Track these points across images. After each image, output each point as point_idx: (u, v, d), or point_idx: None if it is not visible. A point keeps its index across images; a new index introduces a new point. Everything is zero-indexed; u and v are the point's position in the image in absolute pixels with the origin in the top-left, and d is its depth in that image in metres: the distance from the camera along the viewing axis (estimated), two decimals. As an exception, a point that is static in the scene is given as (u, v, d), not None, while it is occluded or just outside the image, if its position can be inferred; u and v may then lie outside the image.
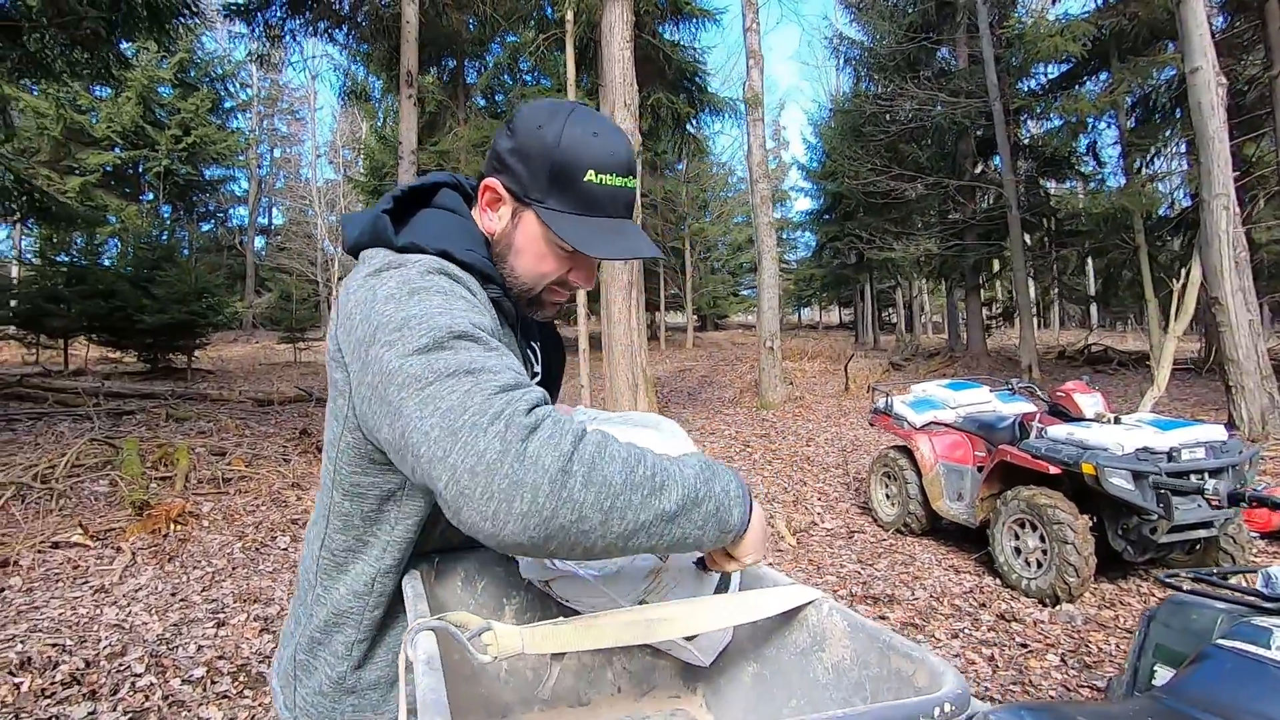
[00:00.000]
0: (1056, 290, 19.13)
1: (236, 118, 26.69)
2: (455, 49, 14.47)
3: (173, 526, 4.38)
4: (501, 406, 0.64)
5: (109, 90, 20.49)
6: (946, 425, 4.72)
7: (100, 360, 15.40)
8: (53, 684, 2.63)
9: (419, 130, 18.35)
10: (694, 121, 12.20)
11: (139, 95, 20.56)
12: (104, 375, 12.68)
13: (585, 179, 0.83)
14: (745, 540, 0.76)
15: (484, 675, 0.89)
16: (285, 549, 4.29)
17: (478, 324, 0.73)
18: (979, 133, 15.81)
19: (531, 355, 1.01)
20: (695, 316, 31.38)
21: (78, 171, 19.56)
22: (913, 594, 3.80)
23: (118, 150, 20.58)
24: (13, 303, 13.25)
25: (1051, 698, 2.72)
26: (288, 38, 11.06)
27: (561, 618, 0.78)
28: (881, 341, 23.60)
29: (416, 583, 0.84)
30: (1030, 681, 2.82)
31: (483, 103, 18.98)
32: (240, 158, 26.27)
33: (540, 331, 1.05)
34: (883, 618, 3.68)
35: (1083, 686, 2.77)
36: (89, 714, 2.47)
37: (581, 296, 8.08)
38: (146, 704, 2.56)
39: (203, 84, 22.69)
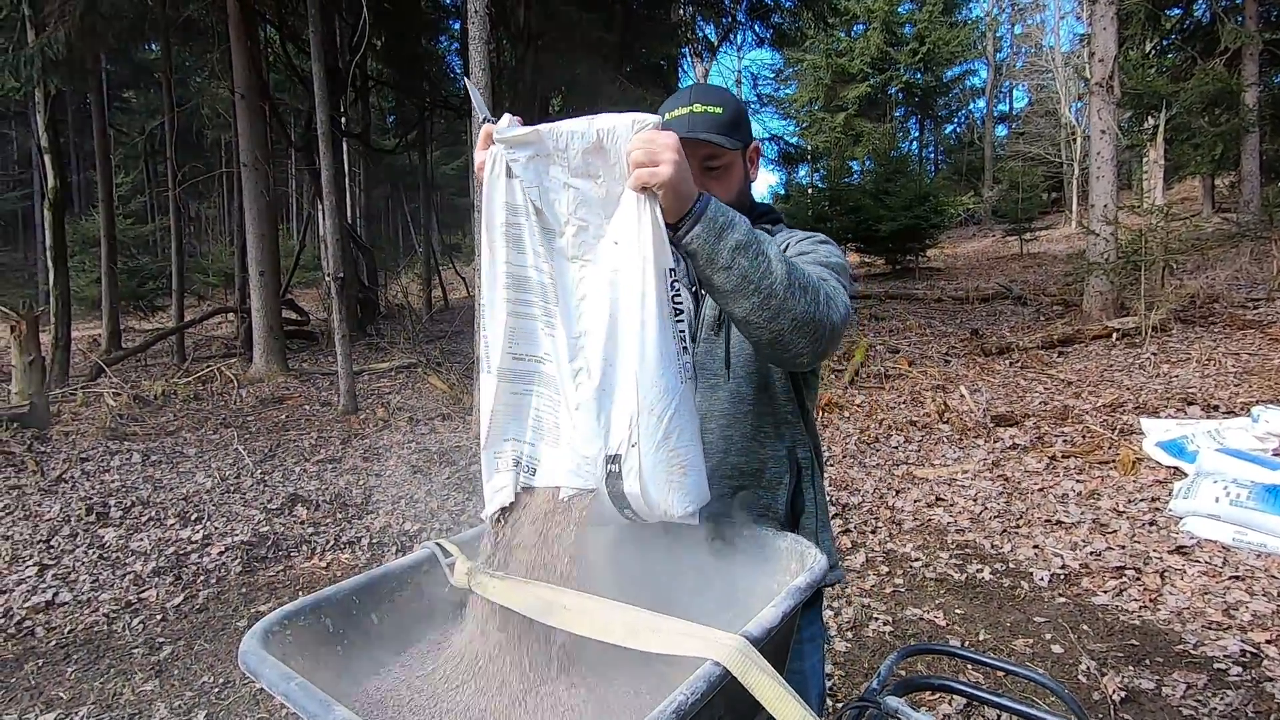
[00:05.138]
0: None
1: (971, 8, 26.34)
2: None
3: (817, 414, 5.32)
4: None
5: (860, 28, 23.56)
6: None
7: (857, 265, 18.63)
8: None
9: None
10: None
11: (882, 23, 22.88)
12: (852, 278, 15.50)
13: (665, 118, 1.21)
14: None
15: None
16: (895, 447, 4.62)
17: None
18: None
19: (689, 296, 1.31)
20: None
21: (841, 107, 23.54)
22: None
23: (870, 81, 23.60)
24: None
25: None
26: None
27: (508, 575, 0.91)
28: None
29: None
30: None
31: None
32: (976, 47, 25.94)
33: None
34: None
35: None
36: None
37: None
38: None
39: (935, -14, 23.29)
